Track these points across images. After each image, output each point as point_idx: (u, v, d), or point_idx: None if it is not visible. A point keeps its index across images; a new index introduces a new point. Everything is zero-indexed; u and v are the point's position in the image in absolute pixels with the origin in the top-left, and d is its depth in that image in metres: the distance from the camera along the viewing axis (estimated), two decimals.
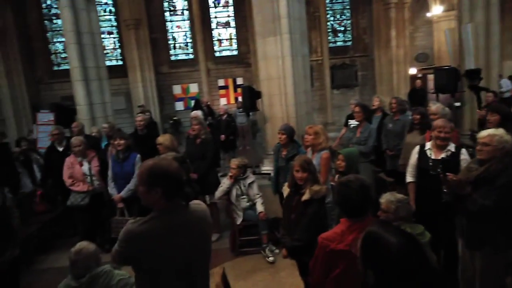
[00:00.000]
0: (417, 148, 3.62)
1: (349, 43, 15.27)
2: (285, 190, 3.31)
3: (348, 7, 15.11)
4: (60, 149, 5.82)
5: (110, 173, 4.70)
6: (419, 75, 13.30)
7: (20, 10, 13.18)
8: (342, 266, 2.02)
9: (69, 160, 4.97)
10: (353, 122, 5.81)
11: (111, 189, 4.67)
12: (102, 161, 5.11)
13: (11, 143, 7.98)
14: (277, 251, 4.50)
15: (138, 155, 4.63)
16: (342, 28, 15.28)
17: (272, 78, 7.11)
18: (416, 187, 3.56)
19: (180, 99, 14.43)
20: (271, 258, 4.41)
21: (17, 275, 3.00)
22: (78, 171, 4.92)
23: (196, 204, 1.95)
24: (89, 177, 4.95)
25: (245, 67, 14.32)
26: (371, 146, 5.07)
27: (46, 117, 8.03)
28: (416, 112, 4.74)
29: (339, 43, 15.31)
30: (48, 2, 14.08)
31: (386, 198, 2.66)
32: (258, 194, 4.74)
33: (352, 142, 5.12)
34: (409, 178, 3.63)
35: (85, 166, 4.97)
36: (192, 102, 13.35)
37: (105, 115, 7.66)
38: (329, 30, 14.76)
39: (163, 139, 4.42)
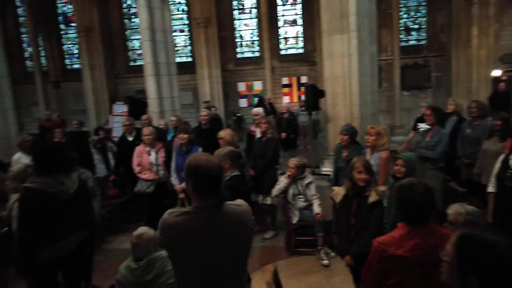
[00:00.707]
0: (502, 156, 3.30)
1: (423, 42, 14.32)
2: (337, 195, 3.16)
3: (424, 3, 14.18)
4: (130, 139, 6.23)
5: (173, 164, 4.93)
6: (504, 78, 12.06)
7: (104, 10, 14.37)
8: (400, 274, 1.89)
9: (138, 149, 5.31)
10: (422, 126, 5.44)
11: (174, 179, 4.90)
12: (168, 152, 5.38)
13: (91, 132, 8.76)
14: (332, 254, 4.38)
15: (200, 148, 4.80)
16: (416, 26, 14.38)
17: (337, 77, 6.92)
18: (496, 199, 3.25)
19: (244, 96, 14.69)
20: (325, 261, 4.30)
21: (91, 255, 3.24)
22: (146, 160, 5.23)
23: (236, 205, 1.88)
24: (155, 166, 5.24)
25: (310, 65, 14.14)
26: (441, 152, 4.68)
27: (120, 108, 8.67)
28: (498, 118, 4.31)
29: (411, 42, 14.43)
30: (128, 2, 15.15)
31: (454, 209, 2.42)
32: (315, 195, 4.64)
33: (419, 146, 4.79)
34: (490, 188, 3.33)
35: (152, 156, 5.27)
36: (256, 100, 13.51)
37: (173, 109, 8.03)
38: (401, 28, 13.98)
39: (224, 133, 4.52)
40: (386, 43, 13.59)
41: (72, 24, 15.20)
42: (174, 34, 9.90)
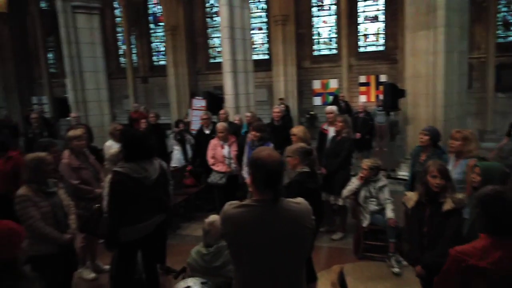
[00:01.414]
0: None
1: None
2: (409, 200, 2.97)
3: None
4: (207, 132, 6.55)
5: (245, 158, 5.08)
6: None
7: (189, 9, 15.24)
8: None
9: (213, 142, 5.59)
10: None
11: (245, 172, 5.05)
12: (240, 146, 5.56)
13: (172, 124, 9.38)
14: (404, 263, 4.14)
15: (272, 144, 4.87)
16: None
17: (420, 76, 6.49)
18: None
19: (318, 94, 14.51)
20: (396, 269, 4.10)
21: (165, 238, 3.50)
22: (219, 153, 5.48)
23: (295, 202, 1.85)
24: (227, 159, 5.47)
25: (391, 63, 13.42)
26: None
27: (199, 103, 9.13)
28: None
29: (510, 39, 12.91)
30: (211, 2, 15.86)
31: None
32: (389, 199, 4.43)
33: None
34: None
35: (226, 149, 5.50)
36: (330, 98, 13.26)
37: (248, 105, 8.25)
38: (498, 23, 12.58)
39: (298, 130, 4.53)
40: (480, 40, 12.33)
41: (160, 24, 16.40)
42: (252, 32, 10.14)
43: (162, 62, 16.78)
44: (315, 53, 14.89)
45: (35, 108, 10.77)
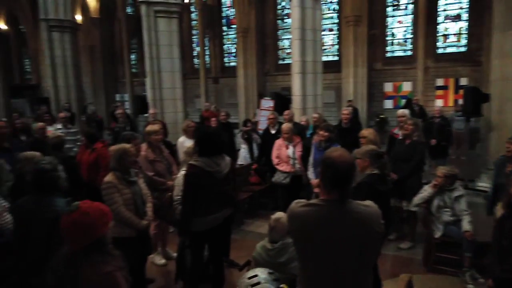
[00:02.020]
0: None
1: None
2: (498, 211, 2.76)
3: None
4: (273, 132, 6.65)
5: (311, 159, 5.07)
6: None
7: (260, 12, 15.55)
8: None
9: (278, 142, 5.67)
10: None
11: (310, 173, 5.04)
12: (306, 147, 5.56)
13: (239, 124, 9.66)
14: (481, 280, 3.83)
15: (339, 146, 4.79)
16: None
17: (508, 79, 5.92)
18: None
19: (390, 97, 13.88)
20: (471, 286, 3.80)
21: (229, 232, 3.64)
22: (284, 153, 5.54)
23: (363, 205, 1.81)
24: (292, 159, 5.51)
25: (473, 65, 12.37)
26: None
27: (267, 103, 9.28)
28: None
29: None
30: (283, 4, 16.00)
31: None
32: (466, 211, 4.12)
33: None
34: None
35: (290, 150, 5.55)
36: (403, 101, 12.61)
37: (315, 107, 8.18)
38: None
39: (368, 132, 4.42)
40: None
41: (233, 26, 16.96)
42: (322, 33, 10.03)
43: (232, 64, 17.33)
44: (388, 54, 14.27)
45: (118, 104, 11.78)
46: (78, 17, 12.71)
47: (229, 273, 4.06)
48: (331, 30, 15.26)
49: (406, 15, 13.92)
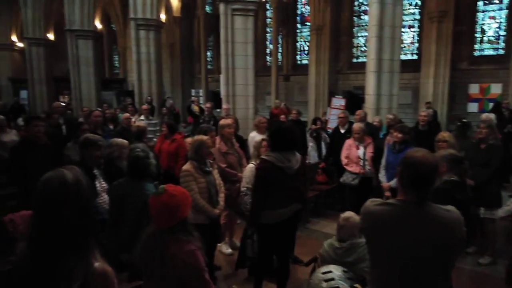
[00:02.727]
0: None
1: None
2: None
3: None
4: (342, 131, 6.54)
5: (383, 161, 4.90)
6: None
7: (336, 8, 15.25)
8: None
9: (348, 142, 5.56)
10: None
11: (382, 176, 4.87)
12: (378, 149, 5.38)
13: (308, 122, 9.63)
14: None
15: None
16: None
17: None
18: None
19: (475, 100, 12.74)
20: None
21: (295, 228, 3.70)
22: (354, 153, 5.42)
23: (444, 209, 1.73)
24: (362, 160, 5.37)
25: None
26: None
27: (339, 102, 9.14)
28: None
29: None
30: (360, 0, 15.49)
31: None
32: None
33: None
34: None
35: (361, 150, 5.41)
36: (490, 105, 11.51)
37: (390, 107, 7.84)
38: None
39: (449, 135, 4.16)
40: None
41: (307, 24, 16.86)
42: (402, 30, 9.55)
43: (304, 61, 17.26)
44: (476, 53, 13.10)
45: (194, 100, 12.44)
46: (162, 16, 13.59)
47: (293, 269, 4.11)
48: (410, 27, 14.43)
49: (500, 9, 12.65)
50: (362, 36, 15.35)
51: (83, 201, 1.35)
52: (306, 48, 17.17)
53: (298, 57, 17.93)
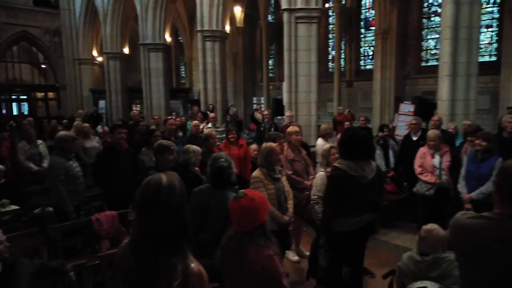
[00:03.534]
0: None
1: None
2: None
3: None
4: (414, 138, 6.19)
5: (463, 171, 4.56)
6: None
7: (403, 11, 14.60)
8: None
9: (422, 150, 5.25)
10: None
11: (461, 187, 4.54)
12: (454, 157, 5.03)
13: (373, 129, 9.29)
14: None
15: (500, 159, 4.19)
16: None
17: None
18: None
19: None
20: None
21: (367, 237, 3.58)
22: (429, 162, 5.11)
23: None
24: (438, 170, 5.04)
25: None
26: None
27: (407, 108, 8.71)
28: None
29: None
30: (430, 1, 14.68)
31: None
32: None
33: None
34: None
35: (436, 159, 5.09)
36: None
37: (466, 113, 7.32)
38: None
39: None
40: None
41: (371, 28, 16.36)
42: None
43: (368, 67, 16.73)
44: None
45: (257, 108, 12.66)
46: (227, 27, 14.07)
47: (364, 281, 3.97)
48: (488, 26, 13.34)
49: None
50: (432, 39, 14.51)
51: (175, 204, 1.44)
52: (370, 53, 16.64)
53: (361, 62, 17.43)
